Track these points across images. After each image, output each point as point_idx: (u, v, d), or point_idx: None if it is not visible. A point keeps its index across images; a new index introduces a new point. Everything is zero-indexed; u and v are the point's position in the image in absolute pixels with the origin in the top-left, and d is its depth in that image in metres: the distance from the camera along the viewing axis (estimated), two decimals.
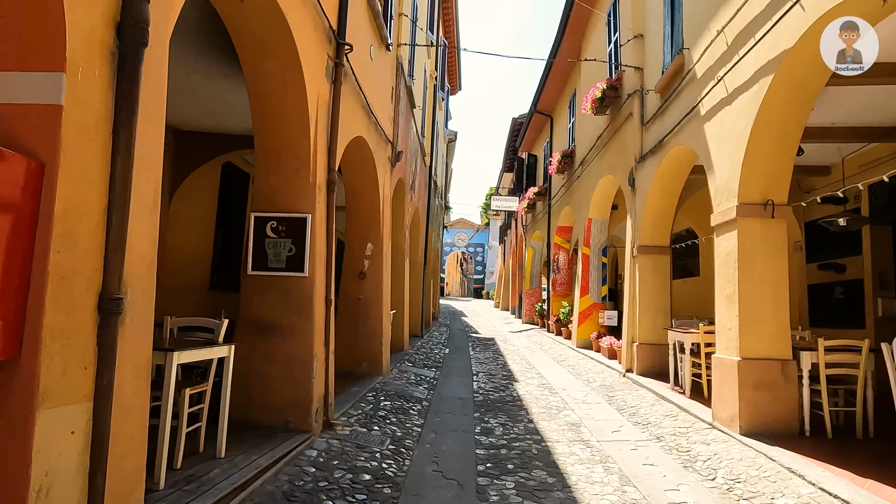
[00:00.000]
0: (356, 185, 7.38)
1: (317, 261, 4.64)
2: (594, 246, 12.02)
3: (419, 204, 12.75)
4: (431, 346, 12.26)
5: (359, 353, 7.48)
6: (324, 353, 4.75)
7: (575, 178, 13.17)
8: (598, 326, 11.73)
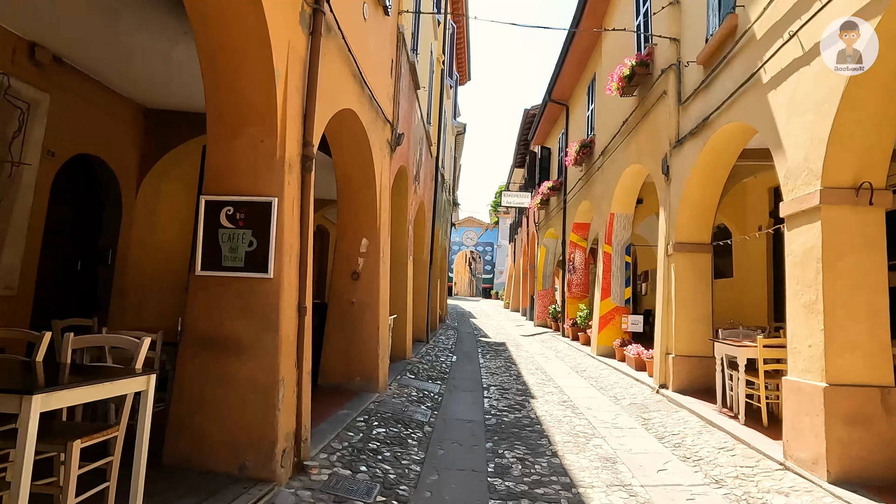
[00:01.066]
0: (348, 169, 6.35)
1: (285, 258, 3.61)
2: (617, 244, 10.92)
3: (425, 197, 11.71)
4: (437, 352, 11.21)
5: (351, 366, 6.45)
6: (294, 376, 3.71)
7: (594, 170, 12.07)
8: (621, 333, 10.63)
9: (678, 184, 7.29)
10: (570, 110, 15.62)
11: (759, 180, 9.35)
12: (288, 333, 3.61)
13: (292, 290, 3.70)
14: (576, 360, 10.83)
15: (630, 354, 9.14)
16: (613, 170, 10.57)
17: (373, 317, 6.55)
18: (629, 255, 10.98)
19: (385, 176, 6.91)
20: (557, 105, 16.08)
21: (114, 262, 6.59)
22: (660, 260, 7.78)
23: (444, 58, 13.30)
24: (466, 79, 20.44)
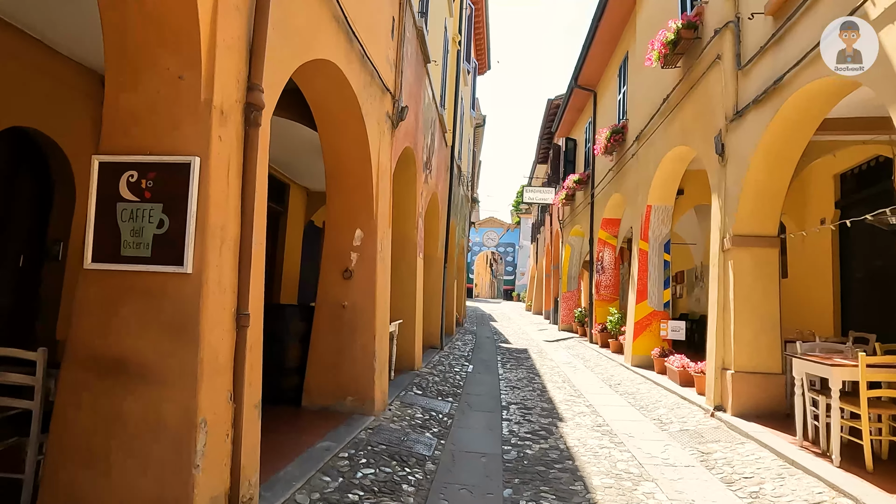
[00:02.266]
0: (337, 144, 5.26)
1: (211, 244, 2.52)
2: (654, 240, 9.66)
3: (438, 189, 10.59)
4: (452, 361, 10.08)
5: (342, 383, 5.36)
6: (228, 414, 2.62)
7: (627, 159, 10.82)
8: (659, 341, 9.37)
9: (738, 165, 6.05)
10: (599, 97, 14.35)
11: (823, 165, 8.00)
12: (215, 353, 2.52)
13: (223, 291, 2.60)
14: (608, 372, 9.58)
15: (673, 367, 7.89)
16: (651, 156, 9.32)
17: (368, 323, 5.44)
18: (668, 252, 9.71)
19: (385, 156, 5.81)
20: (584, 91, 14.83)
21: (65, 258, 5.60)
22: (713, 257, 6.53)
23: (460, 38, 12.18)
24: (486, 68, 19.28)
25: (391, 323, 7.03)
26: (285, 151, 9.06)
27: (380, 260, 5.61)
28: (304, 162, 9.80)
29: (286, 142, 8.35)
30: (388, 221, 6.00)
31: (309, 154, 9.12)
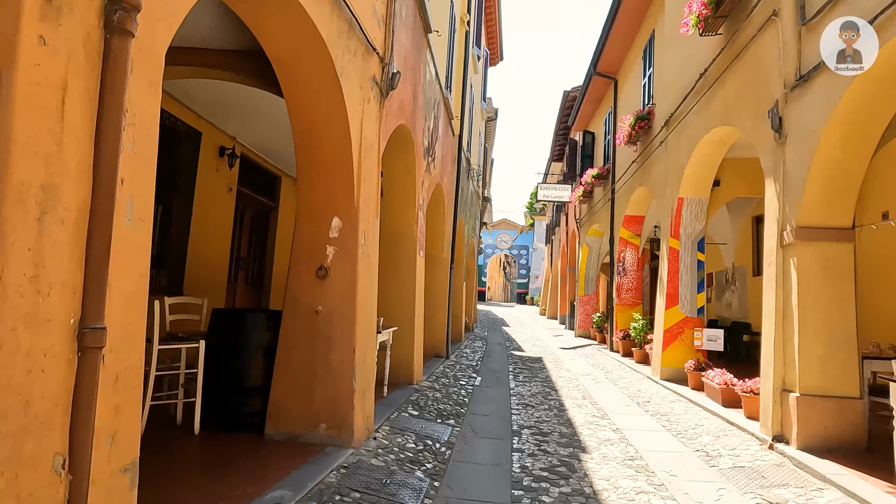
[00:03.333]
0: (305, 110, 4.26)
1: (12, 213, 1.50)
2: (686, 237, 8.54)
3: (444, 181, 9.57)
4: (457, 372, 9.03)
5: (315, 405, 4.34)
6: (58, 492, 1.59)
7: (654, 148, 9.72)
8: (692, 351, 8.25)
9: (802, 141, 4.95)
10: (620, 84, 13.24)
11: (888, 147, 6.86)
12: (20, 397, 1.50)
13: (45, 292, 1.58)
14: (633, 386, 8.47)
15: (713, 384, 6.77)
16: (684, 141, 8.22)
17: (347, 332, 4.42)
18: (702, 251, 8.58)
19: (370, 130, 4.79)
20: (603, 79, 13.73)
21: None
22: (768, 252, 5.43)
23: (468, 18, 11.16)
24: (498, 59, 18.25)
25: (384, 331, 6.02)
26: (276, 138, 8.14)
27: (363, 256, 4.59)
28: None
29: (277, 126, 7.45)
30: (375, 210, 4.98)
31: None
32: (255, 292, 9.65)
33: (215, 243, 7.98)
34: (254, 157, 8.95)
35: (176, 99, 6.72)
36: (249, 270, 9.58)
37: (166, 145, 6.87)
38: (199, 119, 7.30)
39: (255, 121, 7.54)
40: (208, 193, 7.63)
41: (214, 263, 7.97)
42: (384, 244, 7.38)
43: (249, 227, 9.48)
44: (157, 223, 6.81)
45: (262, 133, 8.16)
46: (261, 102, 6.25)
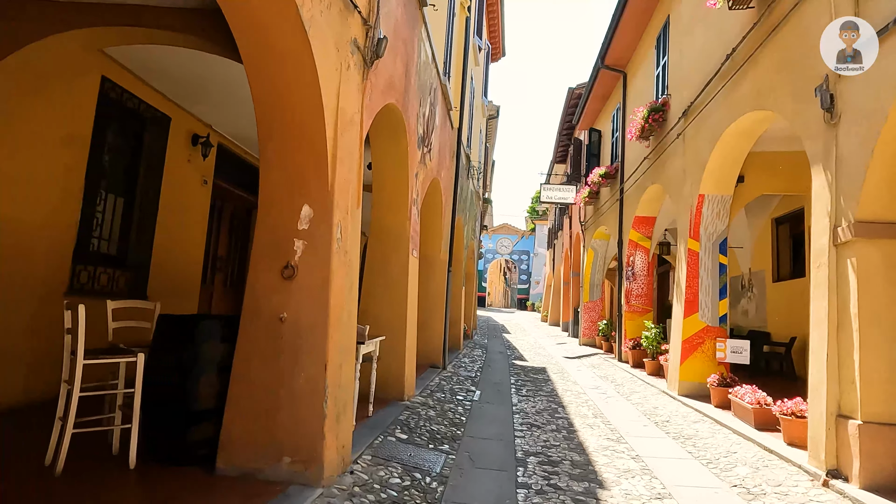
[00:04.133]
0: (267, 74, 3.49)
1: None
2: (707, 238, 7.77)
3: (441, 176, 8.80)
4: (454, 385, 8.23)
5: (277, 434, 3.55)
6: None
7: (669, 141, 8.96)
8: (714, 364, 7.46)
9: (861, 121, 4.18)
10: (629, 78, 12.50)
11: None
12: None
13: None
14: (648, 402, 7.67)
15: (744, 403, 5.97)
16: (706, 133, 7.46)
17: (317, 345, 3.64)
18: (724, 254, 7.80)
19: (349, 102, 4.03)
20: (612, 73, 12.98)
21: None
22: (817, 254, 4.65)
23: (469, 3, 10.42)
24: (500, 54, 17.52)
25: (370, 340, 5.24)
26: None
27: (339, 252, 3.81)
28: None
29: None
30: (356, 198, 4.20)
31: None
32: (235, 297, 8.87)
33: (187, 242, 7.21)
34: (233, 148, 8.19)
35: (139, 78, 5.98)
36: (228, 273, 8.81)
37: (128, 131, 6.13)
38: (168, 102, 6.55)
39: (233, 106, 6.78)
40: (178, 186, 6.87)
41: (186, 264, 7.20)
42: (373, 242, 6.61)
43: (228, 224, 8.71)
44: (118, 217, 6.06)
45: (242, 120, 7.41)
46: (239, 85, 5.49)
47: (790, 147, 7.73)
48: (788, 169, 7.94)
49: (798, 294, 9.81)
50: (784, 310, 10.32)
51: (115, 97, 5.72)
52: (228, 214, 8.67)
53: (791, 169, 7.92)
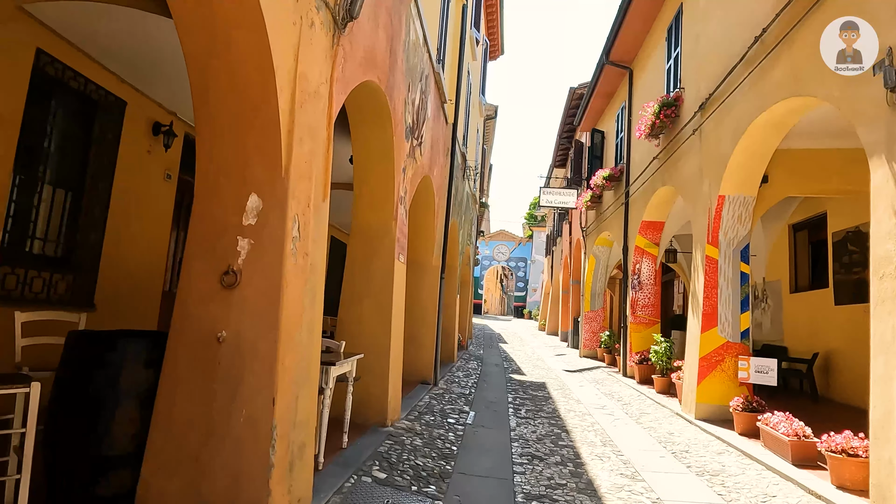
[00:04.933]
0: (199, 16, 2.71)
1: None
2: (727, 244, 7.00)
3: (433, 174, 8.03)
4: (445, 405, 7.42)
5: (208, 488, 2.74)
6: None
7: (683, 139, 8.21)
8: (735, 385, 6.68)
9: None
10: (636, 74, 11.78)
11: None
12: None
13: None
14: (662, 426, 6.87)
15: (777, 434, 5.17)
16: (727, 127, 6.71)
17: (264, 372, 2.84)
18: (746, 262, 7.03)
19: (313, 67, 3.24)
20: (617, 70, 12.27)
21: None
22: (881, 262, 3.88)
23: None
24: (499, 52, 16.82)
25: (348, 359, 4.45)
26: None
27: (295, 254, 3.02)
28: None
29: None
30: (321, 188, 3.41)
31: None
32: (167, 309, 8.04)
33: (145, 243, 6.40)
34: (192, 133, 7.41)
35: (86, 54, 5.19)
36: None
37: (74, 115, 5.33)
38: (123, 84, 5.76)
39: None
40: (136, 180, 6.07)
41: (144, 269, 6.38)
42: (354, 245, 5.83)
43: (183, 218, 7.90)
44: (60, 213, 5.26)
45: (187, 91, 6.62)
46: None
47: (820, 144, 7.00)
48: (817, 169, 7.20)
49: (820, 306, 9.06)
50: (803, 323, 9.56)
51: (54, 74, 4.92)
52: None
53: (820, 169, 7.18)
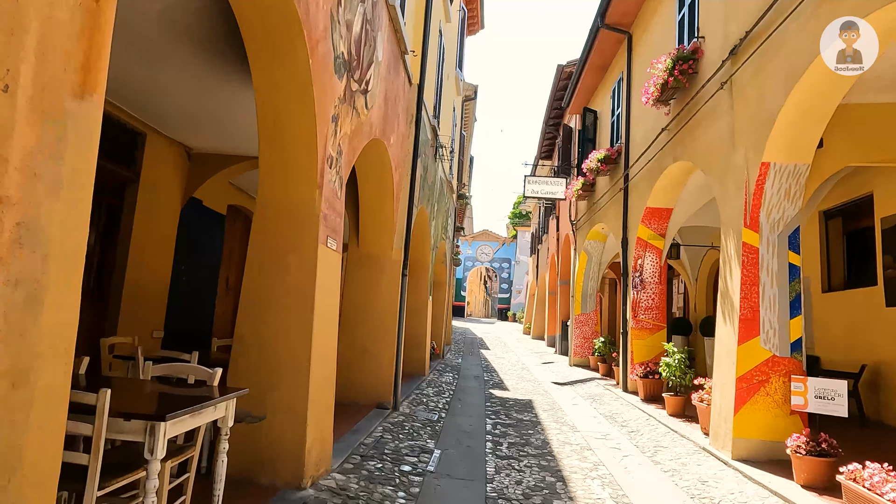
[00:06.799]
0: None
1: None
2: (771, 227, 5.34)
3: (388, 140, 6.25)
4: (402, 442, 5.64)
5: None
6: None
7: (705, 98, 6.55)
8: (785, 415, 5.02)
9: None
10: (636, 38, 10.13)
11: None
12: None
13: None
14: (688, 469, 5.17)
15: (877, 497, 3.48)
16: (775, 71, 5.04)
17: None
18: (797, 251, 5.37)
19: None
20: (614, 35, 10.61)
21: None
22: None
23: None
24: (479, 26, 15.10)
25: (221, 401, 2.67)
26: (138, 67, 4.91)
27: None
28: (183, 100, 5.68)
29: (137, 47, 4.26)
30: (73, 74, 1.63)
31: (197, 86, 5.09)
32: (98, 310, 6.21)
33: None
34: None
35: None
36: (90, 276, 6.16)
37: None
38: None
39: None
40: None
41: None
42: (259, 228, 4.07)
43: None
44: None
45: (115, 62, 4.85)
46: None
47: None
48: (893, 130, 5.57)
49: (864, 308, 7.46)
50: (840, 329, 7.96)
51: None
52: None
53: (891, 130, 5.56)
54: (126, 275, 6.35)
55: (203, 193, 7.70)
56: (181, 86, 5.34)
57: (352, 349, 6.88)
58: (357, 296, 7.09)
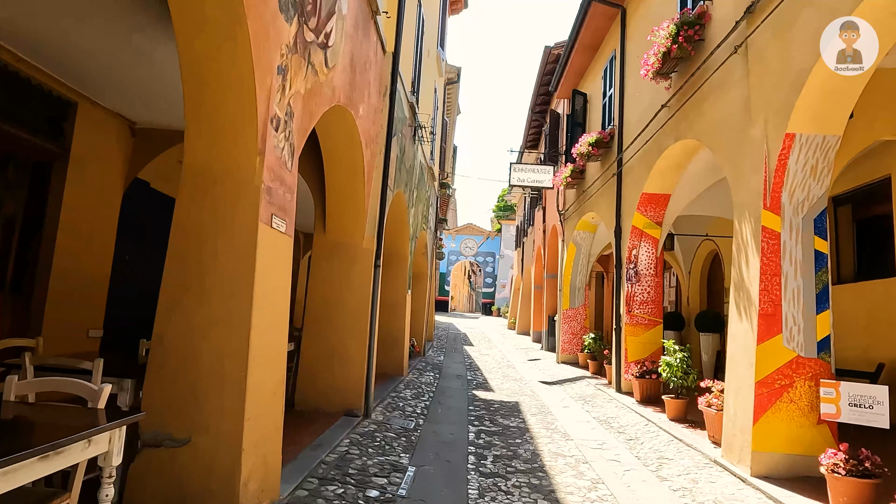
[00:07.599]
0: None
1: None
2: (794, 208, 4.65)
3: (357, 111, 5.45)
4: (370, 458, 4.87)
5: None
6: None
7: (715, 66, 5.85)
8: (813, 424, 4.36)
9: None
10: (631, 10, 9.40)
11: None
12: None
13: None
14: (699, 487, 4.47)
15: None
16: (804, 29, 4.34)
17: None
18: (824, 236, 4.68)
19: None
20: (606, 9, 9.90)
21: None
22: None
23: None
24: (462, 5, 14.28)
25: (99, 432, 1.84)
26: (68, 27, 4.05)
27: None
28: (122, 64, 4.82)
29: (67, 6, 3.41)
30: None
31: (134, 48, 4.22)
32: (18, 307, 5.33)
33: None
34: (13, 64, 4.75)
35: None
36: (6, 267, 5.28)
37: None
38: None
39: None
40: None
41: None
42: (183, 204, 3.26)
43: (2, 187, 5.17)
44: None
45: (32, 15, 4.03)
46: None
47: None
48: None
49: (880, 302, 6.86)
50: (852, 324, 7.34)
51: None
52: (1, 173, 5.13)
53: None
54: (53, 264, 5.48)
55: (150, 174, 6.83)
56: (114, 45, 4.49)
57: (317, 350, 6.09)
58: (324, 289, 6.29)
